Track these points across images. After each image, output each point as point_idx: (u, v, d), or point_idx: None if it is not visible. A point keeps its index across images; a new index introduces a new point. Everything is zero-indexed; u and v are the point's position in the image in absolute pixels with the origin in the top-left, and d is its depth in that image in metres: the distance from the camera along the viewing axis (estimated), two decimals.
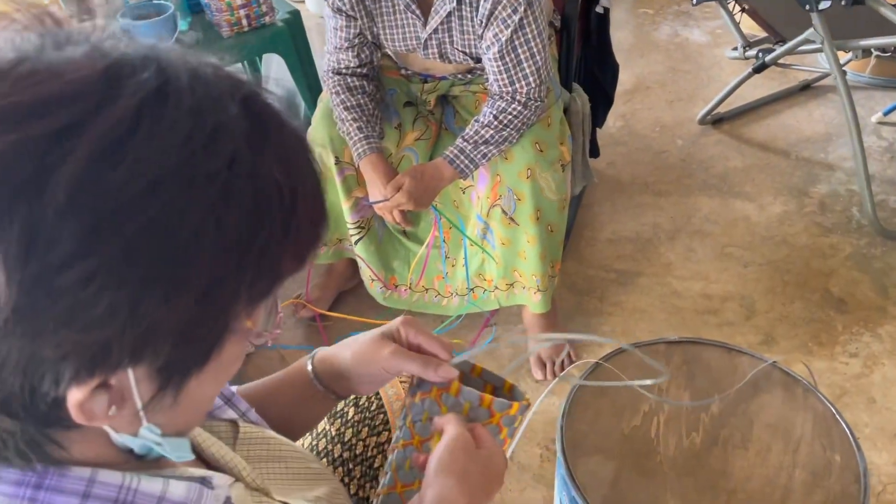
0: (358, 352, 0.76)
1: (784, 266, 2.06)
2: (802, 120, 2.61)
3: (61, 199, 0.38)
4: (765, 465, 1.05)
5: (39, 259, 0.38)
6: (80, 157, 0.38)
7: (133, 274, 0.39)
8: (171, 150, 0.40)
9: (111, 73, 0.41)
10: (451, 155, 1.57)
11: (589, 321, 1.93)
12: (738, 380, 1.15)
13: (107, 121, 0.39)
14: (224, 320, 0.45)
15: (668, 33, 3.16)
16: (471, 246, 1.79)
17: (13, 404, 0.42)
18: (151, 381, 0.45)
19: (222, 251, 0.42)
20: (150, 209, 0.39)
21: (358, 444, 0.94)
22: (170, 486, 0.49)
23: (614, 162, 2.47)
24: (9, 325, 0.38)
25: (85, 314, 0.39)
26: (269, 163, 0.44)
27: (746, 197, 2.30)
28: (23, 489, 0.45)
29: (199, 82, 0.43)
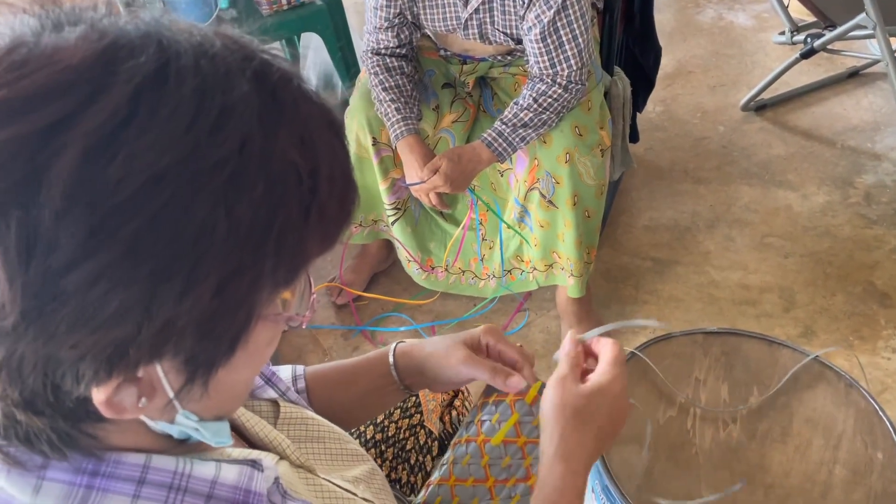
0: (435, 353, 0.77)
1: (826, 258, 2.01)
2: (849, 108, 2.54)
3: (57, 199, 0.36)
4: (804, 460, 1.03)
5: (41, 262, 0.36)
6: (72, 154, 0.36)
7: (140, 272, 0.37)
8: (172, 140, 0.37)
9: (107, 57, 0.38)
10: (489, 138, 1.56)
11: (623, 309, 1.91)
12: (779, 373, 1.13)
13: (100, 112, 0.37)
14: (248, 310, 0.43)
15: (712, 16, 3.09)
16: (507, 229, 1.78)
17: (38, 403, 0.42)
18: (179, 374, 0.44)
19: (235, 242, 0.39)
20: (152, 205, 0.37)
21: (390, 426, 0.95)
22: (222, 469, 0.49)
23: (653, 147, 2.43)
24: (19, 329, 0.37)
25: (96, 315, 0.37)
26: (285, 143, 0.41)
27: (789, 186, 2.25)
28: (80, 476, 0.45)
29: (205, 58, 0.39)
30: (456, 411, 0.99)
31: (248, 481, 0.50)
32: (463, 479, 0.73)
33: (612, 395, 0.67)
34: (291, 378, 0.81)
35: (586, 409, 0.66)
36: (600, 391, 0.67)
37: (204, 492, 0.48)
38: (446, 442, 0.98)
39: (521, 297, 1.94)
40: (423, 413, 0.95)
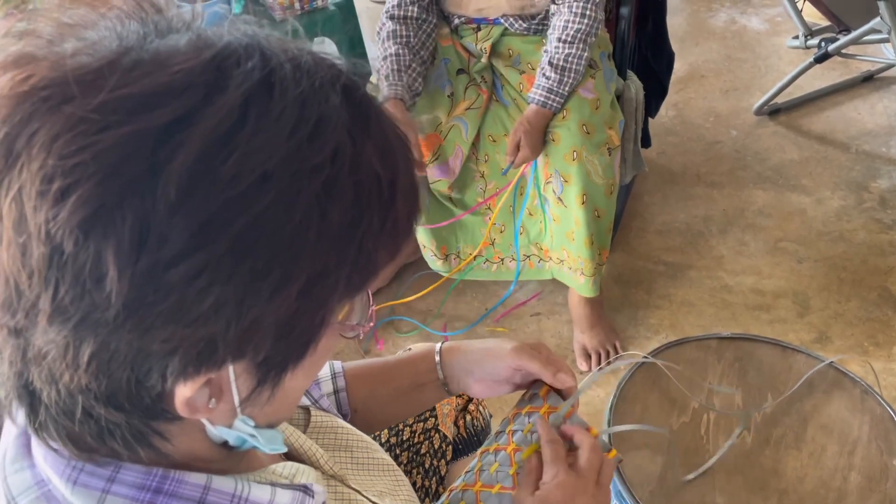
0: (485, 347, 0.78)
1: (840, 263, 2.00)
2: (864, 112, 2.53)
3: (173, 194, 0.37)
4: (819, 466, 1.03)
5: (151, 254, 0.37)
6: (191, 150, 0.37)
7: (240, 269, 0.39)
8: (279, 142, 0.39)
9: (217, 63, 0.40)
10: (541, 98, 1.60)
11: (636, 313, 1.91)
12: (793, 379, 1.13)
13: (216, 113, 0.38)
14: (322, 314, 0.44)
15: (725, 20, 3.08)
16: (528, 215, 1.79)
17: (119, 397, 0.42)
18: (250, 376, 0.45)
19: (325, 245, 0.41)
20: (259, 203, 0.38)
21: (405, 429, 0.95)
22: (277, 494, 0.50)
23: (666, 152, 2.42)
24: (118, 320, 0.38)
25: (192, 309, 0.39)
26: (370, 154, 0.43)
27: (803, 190, 2.24)
28: (143, 493, 0.45)
29: (301, 71, 0.41)
30: (470, 416, 0.99)
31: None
32: (489, 486, 0.73)
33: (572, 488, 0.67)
34: (330, 375, 0.81)
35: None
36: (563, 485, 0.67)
37: None
38: (460, 446, 0.98)
39: (531, 294, 1.94)
40: (437, 417, 0.95)
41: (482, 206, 1.82)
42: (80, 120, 0.37)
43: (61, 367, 0.40)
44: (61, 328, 0.38)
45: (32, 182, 0.37)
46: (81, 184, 0.36)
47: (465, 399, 1.00)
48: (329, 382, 0.81)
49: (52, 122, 0.37)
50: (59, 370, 0.40)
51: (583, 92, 1.62)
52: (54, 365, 0.40)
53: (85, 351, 0.39)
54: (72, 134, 0.37)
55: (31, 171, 0.37)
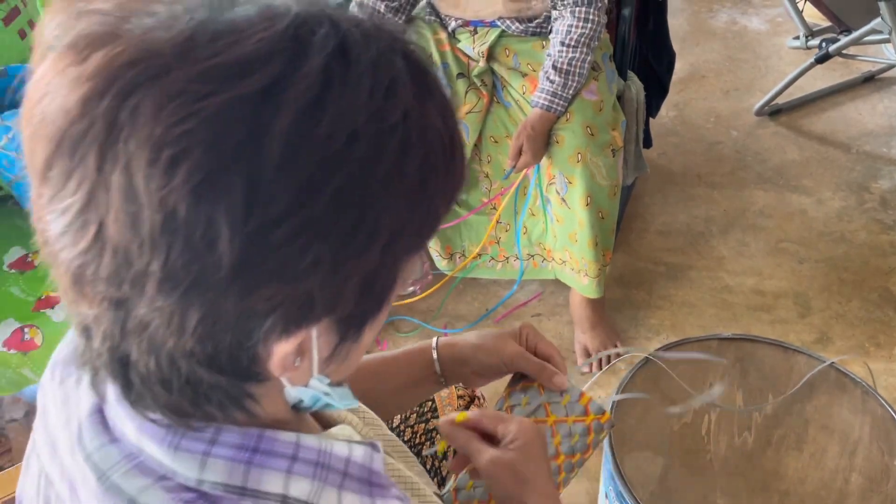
0: (483, 343, 0.81)
1: (842, 263, 2.00)
2: (865, 113, 2.53)
3: (277, 155, 0.39)
4: (820, 467, 1.03)
5: (259, 215, 0.39)
6: (288, 113, 0.39)
7: (337, 225, 0.41)
8: (361, 103, 0.41)
9: (293, 33, 0.41)
10: (545, 102, 1.60)
11: (636, 314, 1.91)
12: (794, 380, 1.13)
13: (305, 78, 0.40)
14: (396, 268, 0.46)
15: (726, 21, 3.08)
16: (530, 214, 1.79)
17: (221, 359, 0.44)
18: (332, 333, 0.47)
19: (404, 199, 0.43)
20: (350, 161, 0.40)
21: (406, 430, 0.95)
22: (353, 449, 0.52)
23: (666, 152, 2.42)
24: (227, 282, 0.40)
25: (293, 267, 0.40)
26: (433, 114, 0.45)
27: (804, 191, 2.24)
28: (242, 452, 0.47)
29: (368, 37, 0.43)
30: None
31: (371, 461, 0.53)
32: None
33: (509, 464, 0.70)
34: None
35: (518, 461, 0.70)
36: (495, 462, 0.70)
37: (341, 469, 0.51)
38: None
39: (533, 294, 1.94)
40: (439, 418, 0.95)
41: (486, 206, 1.83)
42: (182, 89, 0.38)
43: (165, 334, 0.41)
44: (170, 294, 0.40)
45: (141, 152, 0.38)
46: (191, 150, 0.38)
47: (467, 400, 1.00)
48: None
49: (155, 93, 0.38)
50: (162, 338, 0.42)
51: (586, 94, 1.62)
52: (157, 333, 0.41)
53: (192, 316, 0.41)
54: (176, 103, 0.38)
55: (139, 141, 0.38)
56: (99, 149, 0.38)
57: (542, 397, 0.79)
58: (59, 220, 0.40)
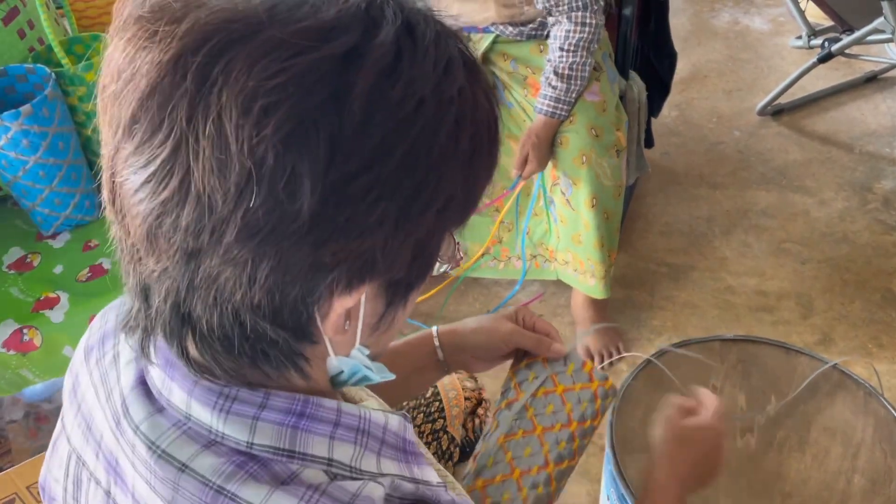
0: (480, 329, 0.84)
1: (844, 264, 1.99)
2: (867, 113, 2.52)
3: (357, 113, 0.41)
4: (822, 469, 1.02)
5: (338, 169, 0.41)
6: (368, 75, 0.41)
7: (403, 185, 0.43)
8: (427, 74, 0.44)
9: (367, 5, 0.44)
10: (548, 109, 1.60)
11: (639, 315, 1.90)
12: (796, 381, 1.12)
13: (381, 46, 0.42)
14: (441, 237, 0.49)
15: (728, 20, 3.07)
16: (533, 215, 1.79)
17: (284, 314, 0.45)
18: (380, 298, 0.48)
19: (457, 169, 0.45)
20: (418, 125, 0.43)
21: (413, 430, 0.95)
22: (389, 418, 0.54)
23: (669, 152, 2.42)
24: (302, 232, 0.41)
25: (362, 222, 0.42)
26: (481, 94, 0.48)
27: (806, 191, 2.23)
28: (289, 417, 0.49)
29: (427, 19, 0.46)
30: (479, 419, 0.99)
31: (404, 430, 0.55)
32: (513, 434, 0.79)
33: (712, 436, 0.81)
34: None
35: (693, 439, 0.81)
36: (707, 429, 0.81)
37: (379, 436, 0.53)
38: (468, 449, 0.98)
39: (535, 293, 1.93)
40: (446, 418, 0.95)
41: (489, 208, 1.83)
42: (274, 46, 0.40)
43: (234, 287, 0.43)
44: (246, 243, 0.41)
45: (235, 102, 0.39)
46: (282, 103, 0.40)
47: (474, 402, 1.00)
48: None
49: (249, 49, 0.40)
50: (230, 291, 0.43)
51: (588, 96, 1.61)
52: (227, 285, 0.43)
53: (264, 266, 0.42)
54: (269, 59, 0.40)
55: (233, 92, 0.40)
56: (190, 101, 0.40)
57: (548, 370, 0.82)
58: (140, 172, 0.41)
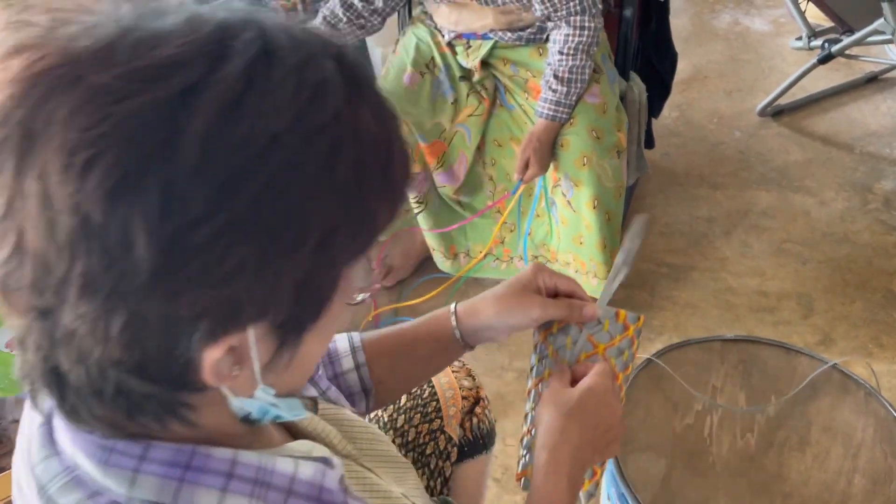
0: (504, 306, 0.79)
1: (845, 264, 1.99)
2: (868, 113, 2.52)
3: (193, 157, 0.39)
4: (822, 469, 1.02)
5: (175, 218, 0.38)
6: (206, 115, 0.39)
7: (259, 228, 0.40)
8: (284, 105, 0.41)
9: (217, 36, 0.41)
10: (549, 112, 1.60)
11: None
12: (797, 381, 1.12)
13: (225, 80, 0.40)
14: (335, 273, 0.46)
15: (729, 21, 3.08)
16: (538, 216, 1.80)
17: (150, 367, 0.43)
18: (270, 340, 0.46)
19: (335, 201, 0.43)
20: (272, 163, 0.40)
21: (410, 430, 0.95)
22: (299, 466, 0.51)
23: (669, 153, 2.42)
24: (148, 287, 0.39)
25: (217, 270, 0.40)
26: (366, 116, 0.45)
27: (807, 192, 2.23)
28: (174, 469, 0.46)
29: (295, 42, 0.43)
30: (476, 418, 0.99)
31: (322, 477, 0.52)
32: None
33: (597, 398, 0.74)
34: (350, 350, 0.82)
35: (574, 408, 0.73)
36: (588, 392, 0.74)
37: (285, 487, 0.49)
38: (466, 448, 0.98)
39: None
40: (443, 418, 0.95)
41: (491, 210, 1.83)
42: (96, 92, 0.38)
43: (92, 342, 0.41)
44: (92, 301, 0.39)
45: (56, 157, 0.38)
46: (105, 153, 0.38)
47: (472, 402, 1.00)
48: (349, 358, 0.81)
49: (70, 97, 0.38)
50: (89, 346, 0.41)
51: (588, 98, 1.62)
52: (84, 342, 0.41)
53: (116, 322, 0.40)
54: (91, 106, 0.38)
55: (53, 146, 0.38)
56: (17, 156, 0.38)
57: (584, 332, 0.80)
58: None
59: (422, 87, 1.71)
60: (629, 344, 0.81)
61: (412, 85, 1.71)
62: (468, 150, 1.76)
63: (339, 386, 0.81)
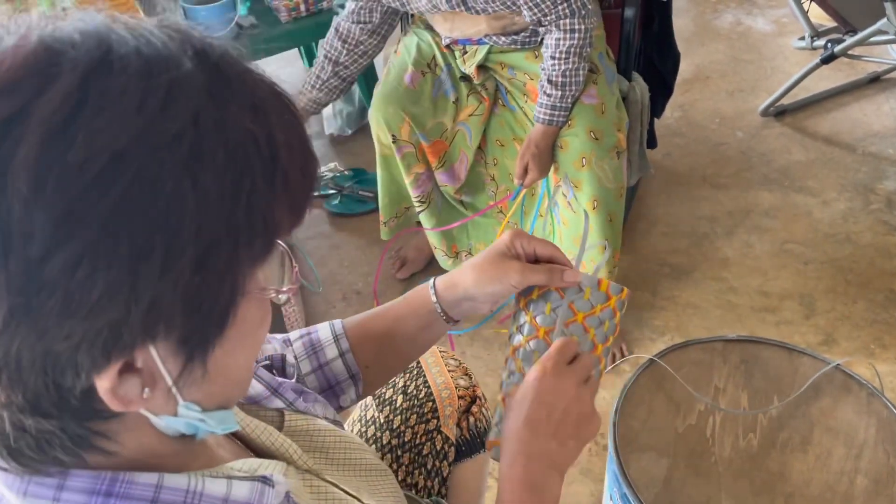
0: (482, 275, 0.76)
1: (847, 265, 1.99)
2: (870, 113, 2.52)
3: (24, 189, 0.36)
4: (825, 469, 1.02)
5: (19, 254, 0.37)
6: (31, 143, 0.37)
7: (119, 251, 0.38)
8: (126, 118, 0.38)
9: (48, 53, 0.39)
10: (545, 117, 1.60)
11: (641, 315, 1.90)
12: (799, 381, 1.12)
13: (51, 101, 0.37)
14: (231, 283, 0.43)
15: (731, 21, 3.07)
16: (540, 216, 1.80)
17: (44, 404, 0.41)
18: (176, 357, 0.44)
19: (207, 214, 0.40)
20: (120, 183, 0.37)
21: (406, 431, 0.94)
22: (233, 487, 0.49)
23: (671, 153, 2.42)
24: (10, 327, 0.38)
25: (84, 300, 0.38)
26: (238, 113, 0.42)
27: (809, 192, 2.23)
28: (94, 498, 0.45)
29: (146, 46, 0.40)
30: (473, 417, 0.99)
31: (260, 497, 0.50)
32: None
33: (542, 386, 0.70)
34: (332, 337, 0.80)
35: (520, 405, 0.70)
36: (531, 384, 0.70)
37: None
38: (463, 448, 0.97)
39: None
40: (439, 418, 0.95)
41: (493, 209, 1.83)
42: None
43: None
44: None
45: None
46: None
47: (468, 401, 0.99)
48: (333, 346, 0.80)
49: None
50: None
51: (586, 99, 1.61)
52: None
53: None
54: None
55: None
56: None
57: (565, 299, 0.77)
58: None
59: (423, 87, 1.71)
60: (610, 315, 0.78)
61: (413, 84, 1.71)
62: (469, 150, 1.77)
63: (326, 377, 0.80)
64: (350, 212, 2.26)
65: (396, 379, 0.99)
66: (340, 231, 2.24)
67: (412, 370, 0.99)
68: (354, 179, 2.35)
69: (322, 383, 0.81)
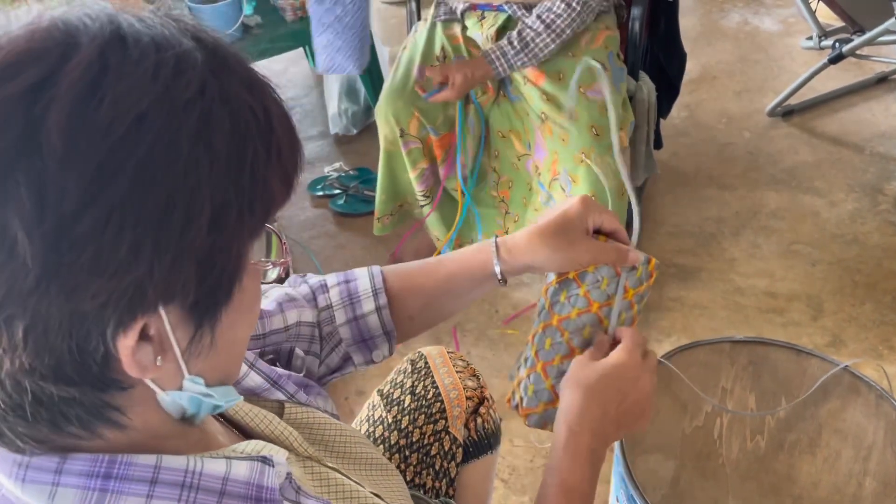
0: (552, 249, 0.76)
1: (854, 265, 1.98)
2: (878, 114, 2.50)
3: (58, 147, 0.38)
4: (833, 471, 1.01)
5: (54, 210, 0.38)
6: (63, 103, 0.39)
7: (146, 209, 0.40)
8: (145, 83, 0.41)
9: (65, 29, 0.41)
10: (492, 55, 1.61)
11: (647, 316, 1.89)
12: (807, 383, 1.11)
13: (77, 66, 0.40)
14: (237, 249, 0.46)
15: (738, 21, 3.06)
16: (535, 210, 1.80)
17: (66, 369, 0.42)
18: (186, 324, 0.46)
19: (219, 174, 0.43)
20: (144, 142, 0.40)
21: (415, 431, 0.94)
22: (232, 466, 0.49)
23: (678, 153, 2.41)
24: (42, 285, 0.39)
25: (111, 258, 0.39)
26: (236, 87, 0.45)
27: (816, 192, 2.22)
28: (93, 480, 0.45)
29: (148, 25, 0.44)
30: (481, 418, 0.99)
31: (260, 476, 0.50)
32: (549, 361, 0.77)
33: (623, 373, 0.72)
34: (371, 291, 0.80)
35: (596, 384, 0.72)
36: (613, 368, 0.73)
37: (216, 488, 0.48)
38: (471, 449, 0.97)
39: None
40: (447, 419, 0.95)
41: (496, 200, 1.83)
42: None
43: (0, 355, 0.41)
44: None
45: None
46: None
47: (476, 402, 0.99)
48: (370, 300, 0.80)
49: None
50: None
51: (591, 94, 1.61)
52: None
53: (18, 328, 0.40)
54: None
55: None
56: None
57: (621, 277, 0.78)
58: None
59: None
60: (647, 290, 0.81)
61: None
62: (474, 140, 1.77)
63: (360, 329, 0.80)
64: (355, 211, 2.26)
65: (404, 379, 0.99)
66: (345, 231, 2.24)
67: (420, 370, 0.99)
68: (359, 179, 2.35)
69: (355, 335, 0.81)
